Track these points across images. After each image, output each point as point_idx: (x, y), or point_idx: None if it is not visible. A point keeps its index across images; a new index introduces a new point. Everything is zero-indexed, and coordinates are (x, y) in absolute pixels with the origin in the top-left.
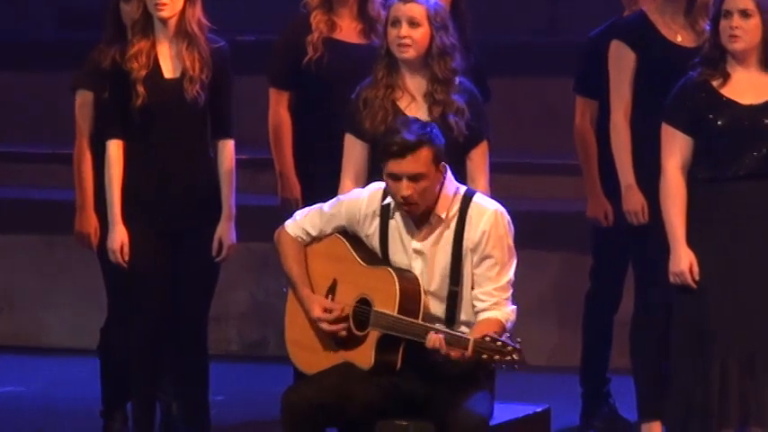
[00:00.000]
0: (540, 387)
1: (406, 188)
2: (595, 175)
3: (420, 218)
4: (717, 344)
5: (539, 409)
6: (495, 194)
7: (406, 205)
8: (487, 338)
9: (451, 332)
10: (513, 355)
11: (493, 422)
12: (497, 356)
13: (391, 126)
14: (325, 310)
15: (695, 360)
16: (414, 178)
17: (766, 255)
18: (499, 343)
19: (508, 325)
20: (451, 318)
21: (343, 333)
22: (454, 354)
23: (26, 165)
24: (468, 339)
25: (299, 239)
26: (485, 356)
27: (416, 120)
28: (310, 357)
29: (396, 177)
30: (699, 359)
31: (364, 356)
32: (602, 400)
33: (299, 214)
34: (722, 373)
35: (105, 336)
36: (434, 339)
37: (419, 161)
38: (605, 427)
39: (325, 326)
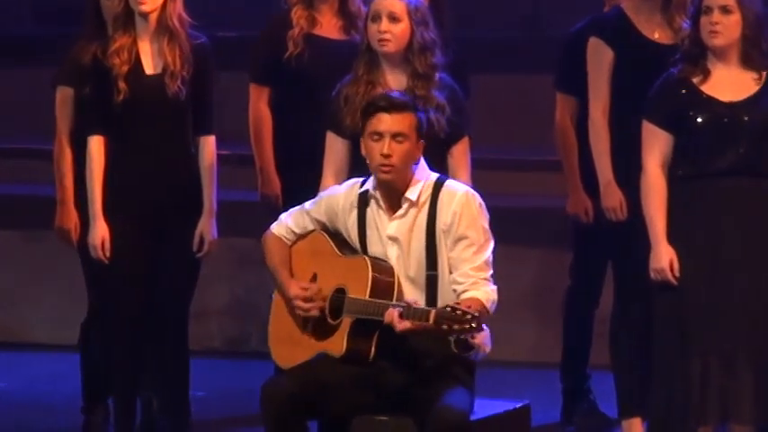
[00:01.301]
0: (520, 383)
1: (387, 146)
2: (576, 171)
3: (392, 203)
4: (697, 341)
5: (519, 405)
6: (476, 190)
7: (384, 167)
8: (447, 308)
9: (413, 306)
10: (472, 323)
11: (473, 418)
12: (456, 326)
13: (373, 95)
14: (302, 289)
15: (676, 357)
16: (397, 137)
17: (746, 252)
18: (459, 312)
19: (489, 305)
20: (432, 303)
21: (316, 313)
22: (411, 325)
23: (5, 160)
24: (430, 310)
25: (284, 239)
26: (445, 327)
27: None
28: (289, 352)
29: (379, 135)
30: (679, 356)
31: (336, 344)
32: (583, 396)
33: (283, 216)
34: (703, 370)
35: (86, 331)
36: (389, 314)
37: (404, 121)
38: (585, 423)
39: (299, 303)
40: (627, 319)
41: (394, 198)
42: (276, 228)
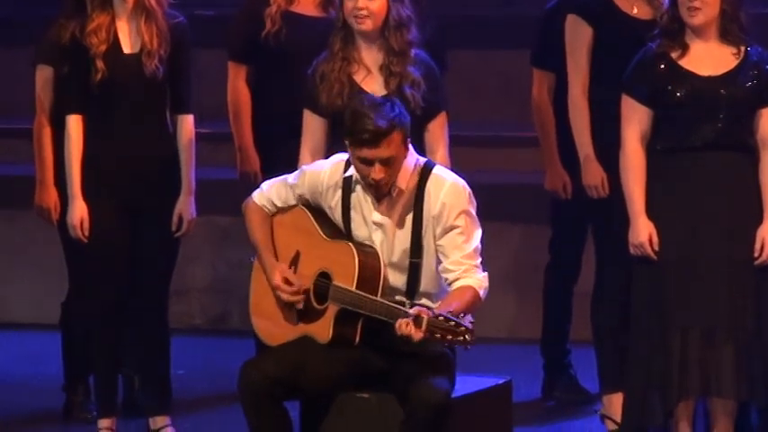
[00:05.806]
0: (501, 359)
1: (378, 172)
2: (553, 146)
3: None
4: (676, 315)
5: (500, 381)
6: (453, 167)
7: (377, 187)
8: (441, 317)
9: (393, 305)
10: (466, 336)
11: (455, 395)
12: (450, 336)
13: (357, 108)
14: (286, 281)
15: (655, 331)
16: (386, 162)
17: (725, 225)
18: (452, 323)
19: (481, 292)
20: (412, 289)
21: (300, 306)
22: (408, 330)
23: None
24: (422, 318)
25: (265, 209)
26: (438, 335)
27: (383, 100)
28: (271, 328)
29: (368, 162)
30: (658, 330)
31: (322, 330)
32: (563, 371)
33: (265, 185)
34: (682, 343)
35: (67, 310)
36: (407, 325)
37: (391, 146)
38: (566, 398)
39: (283, 295)
40: (607, 293)
41: None
42: (258, 197)
